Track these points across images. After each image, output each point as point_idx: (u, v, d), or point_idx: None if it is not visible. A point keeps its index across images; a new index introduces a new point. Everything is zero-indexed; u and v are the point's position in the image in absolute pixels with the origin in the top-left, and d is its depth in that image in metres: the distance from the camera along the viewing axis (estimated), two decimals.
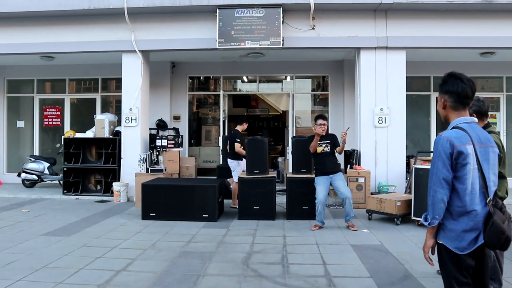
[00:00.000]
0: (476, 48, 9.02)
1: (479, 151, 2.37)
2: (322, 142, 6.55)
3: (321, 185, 6.46)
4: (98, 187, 9.95)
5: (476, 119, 2.56)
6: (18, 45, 9.46)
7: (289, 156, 10.18)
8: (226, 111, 12.00)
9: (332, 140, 6.61)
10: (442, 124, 10.92)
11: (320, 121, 6.51)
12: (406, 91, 8.87)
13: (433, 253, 2.49)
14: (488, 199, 2.37)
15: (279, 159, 12.37)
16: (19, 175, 10.67)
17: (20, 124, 12.14)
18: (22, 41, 9.43)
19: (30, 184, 10.66)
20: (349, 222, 6.47)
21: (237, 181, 7.59)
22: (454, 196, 2.38)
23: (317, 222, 6.54)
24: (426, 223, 2.43)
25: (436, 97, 10.75)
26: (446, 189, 2.36)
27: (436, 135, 11.28)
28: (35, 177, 10.52)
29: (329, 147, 6.54)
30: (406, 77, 8.79)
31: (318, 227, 6.51)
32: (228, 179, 8.48)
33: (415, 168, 6.79)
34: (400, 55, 8.72)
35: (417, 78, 10.90)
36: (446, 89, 2.49)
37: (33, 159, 10.76)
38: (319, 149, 6.52)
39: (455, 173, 2.36)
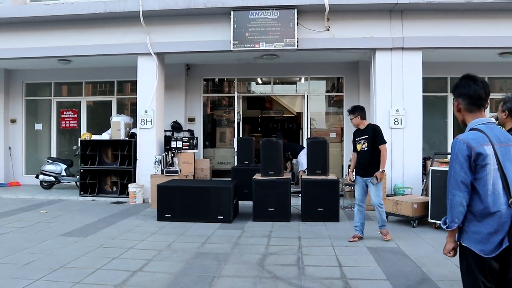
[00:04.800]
0: (495, 48, 8.85)
1: (499, 151, 2.33)
2: (360, 138, 5.88)
3: (356, 184, 5.97)
4: (114, 189, 10.05)
5: (493, 120, 2.52)
6: (36, 49, 9.62)
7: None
8: (241, 113, 12.01)
9: (371, 134, 5.80)
10: (459, 126, 10.72)
11: (350, 116, 6.03)
12: (423, 92, 8.75)
13: (454, 256, 2.46)
14: (511, 200, 2.31)
15: (294, 160, 12.32)
16: (37, 177, 10.85)
17: (38, 126, 12.34)
18: (40, 45, 9.59)
19: (48, 186, 10.82)
20: (380, 229, 5.95)
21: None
22: (476, 198, 2.34)
23: (356, 232, 5.96)
24: (444, 227, 2.41)
25: (453, 98, 10.61)
26: (465, 192, 2.34)
27: (453, 136, 11.13)
28: (52, 178, 10.67)
29: (367, 144, 5.81)
30: (423, 78, 8.68)
31: (358, 237, 5.89)
32: None
33: (432, 170, 6.70)
34: (416, 56, 8.62)
35: (434, 79, 10.76)
36: (459, 92, 2.50)
37: (50, 161, 10.92)
38: (358, 147, 5.90)
39: (475, 175, 2.33)
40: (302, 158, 10.02)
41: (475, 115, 2.45)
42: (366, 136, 5.82)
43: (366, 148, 5.81)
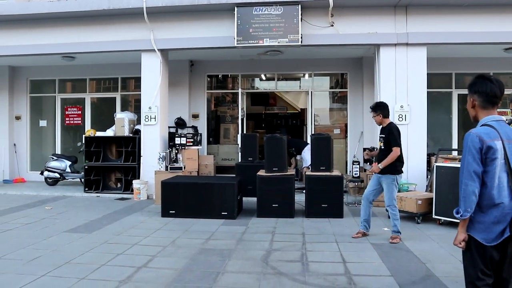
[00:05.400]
0: (500, 44, 8.78)
1: (508, 147, 2.47)
2: (380, 136, 5.77)
3: (371, 179, 5.85)
4: (119, 185, 10.08)
5: (503, 117, 2.70)
6: (40, 46, 9.64)
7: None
8: (245, 109, 12.00)
9: (387, 134, 5.64)
10: (464, 122, 10.72)
11: (371, 114, 5.87)
12: (427, 88, 8.71)
13: (464, 247, 2.56)
14: None
15: (298, 157, 12.32)
16: (42, 173, 10.89)
17: (43, 123, 12.39)
18: (44, 42, 9.62)
19: (52, 182, 10.87)
20: (391, 234, 5.68)
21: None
22: (483, 189, 2.48)
23: (359, 228, 5.91)
24: (458, 216, 2.52)
25: (458, 94, 10.52)
26: (477, 182, 2.46)
27: (458, 133, 11.06)
28: (57, 175, 10.71)
29: (383, 143, 5.69)
30: (427, 73, 8.64)
31: (361, 234, 5.83)
32: None
33: (437, 166, 6.68)
34: (421, 52, 8.57)
35: (438, 75, 10.70)
36: (475, 89, 2.63)
37: (55, 158, 10.97)
38: (378, 145, 5.83)
39: (485, 168, 2.47)
40: (306, 154, 10.02)
41: (488, 112, 2.59)
42: (384, 135, 5.67)
43: (383, 147, 5.69)
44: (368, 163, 8.89)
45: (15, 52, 9.85)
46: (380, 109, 5.77)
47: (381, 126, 5.85)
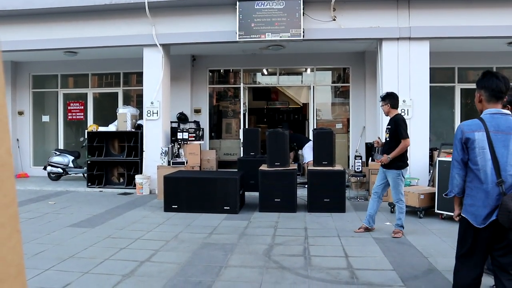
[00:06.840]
0: (503, 38, 8.72)
1: (495, 138, 2.65)
2: (386, 127, 5.68)
3: (378, 174, 5.82)
4: (121, 180, 10.11)
5: (506, 111, 2.78)
6: (42, 41, 9.64)
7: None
8: (247, 104, 12.01)
9: (393, 125, 5.52)
10: (466, 116, 10.68)
11: (380, 103, 5.77)
12: (430, 83, 8.69)
13: (459, 221, 2.89)
14: (499, 180, 2.63)
15: (300, 151, 12.32)
16: (45, 168, 10.93)
17: (45, 118, 12.42)
18: (46, 37, 9.60)
19: (55, 177, 10.91)
20: (394, 228, 5.70)
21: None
22: (471, 175, 2.76)
23: (363, 222, 5.91)
24: (443, 194, 3.01)
25: (461, 89, 10.48)
26: (458, 168, 2.82)
27: None
28: (60, 170, 10.75)
29: (389, 135, 5.57)
30: (430, 68, 8.61)
31: (364, 228, 5.82)
32: None
33: (439, 161, 6.67)
34: (424, 46, 8.53)
35: (441, 69, 10.66)
36: (482, 85, 2.82)
37: (58, 153, 10.99)
38: (385, 136, 5.74)
39: (468, 156, 2.76)
40: (306, 152, 10.01)
41: (493, 106, 2.76)
42: (390, 127, 5.60)
43: (388, 139, 5.62)
44: (370, 159, 8.88)
45: (17, 47, 9.82)
46: (389, 98, 5.67)
47: (388, 117, 5.77)
